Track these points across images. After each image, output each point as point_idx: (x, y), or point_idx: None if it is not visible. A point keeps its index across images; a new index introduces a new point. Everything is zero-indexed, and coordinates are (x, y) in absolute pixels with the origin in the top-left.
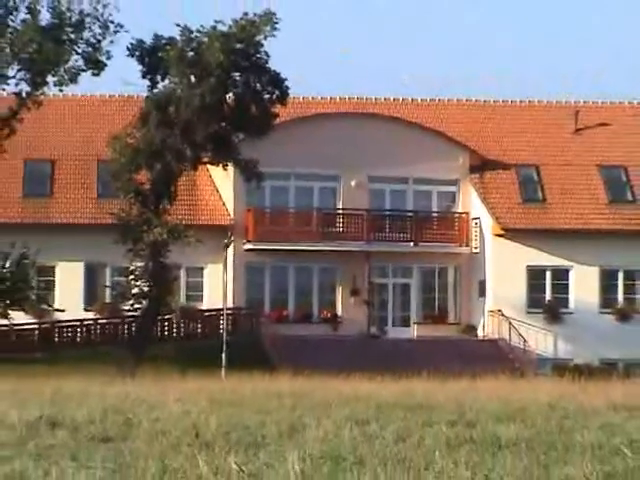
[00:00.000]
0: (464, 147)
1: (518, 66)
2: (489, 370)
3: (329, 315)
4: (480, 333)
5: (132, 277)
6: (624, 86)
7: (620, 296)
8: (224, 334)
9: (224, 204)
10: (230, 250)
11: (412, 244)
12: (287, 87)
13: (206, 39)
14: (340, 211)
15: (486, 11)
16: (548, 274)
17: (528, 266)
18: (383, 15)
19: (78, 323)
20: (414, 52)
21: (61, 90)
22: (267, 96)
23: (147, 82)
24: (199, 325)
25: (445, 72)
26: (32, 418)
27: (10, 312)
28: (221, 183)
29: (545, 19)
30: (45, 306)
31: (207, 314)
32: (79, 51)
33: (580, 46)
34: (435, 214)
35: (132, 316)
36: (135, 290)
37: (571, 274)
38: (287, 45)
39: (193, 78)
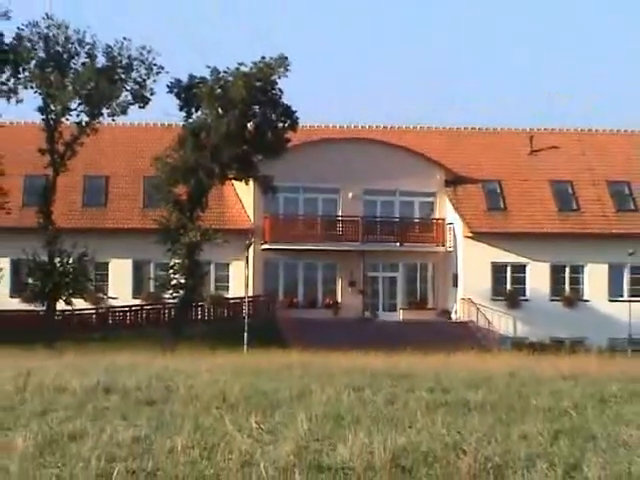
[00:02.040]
0: (440, 166)
1: (484, 98)
2: (460, 346)
3: (331, 302)
4: (453, 316)
5: (171, 271)
6: (571, 115)
7: (567, 286)
8: (246, 317)
9: (246, 212)
10: (251, 249)
11: (398, 244)
12: (297, 117)
13: (231, 78)
14: (340, 218)
15: (458, 51)
16: (508, 269)
17: (492, 262)
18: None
19: (127, 309)
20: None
21: (114, 120)
22: (280, 125)
23: (183, 113)
24: (225, 310)
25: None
26: (90, 385)
27: (73, 300)
28: (243, 195)
29: (506, 59)
30: (101, 295)
31: (232, 301)
32: (128, 88)
33: (535, 81)
34: (417, 220)
35: (171, 303)
36: (174, 282)
37: (527, 269)
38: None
39: (220, 110)
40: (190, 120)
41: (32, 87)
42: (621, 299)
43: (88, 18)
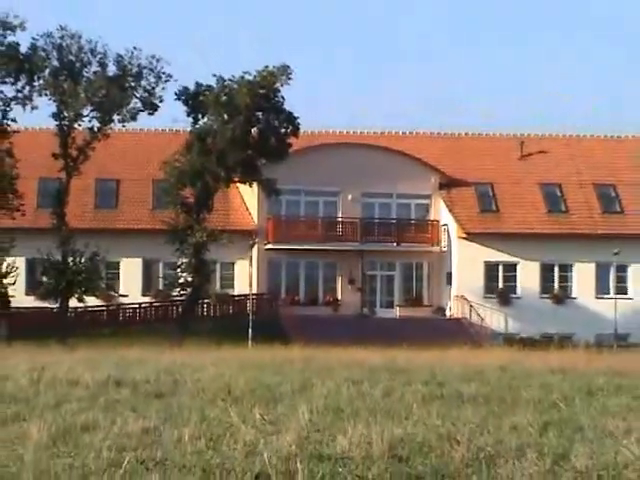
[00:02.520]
0: (435, 169)
1: (477, 104)
2: (454, 342)
3: (331, 299)
4: (447, 313)
5: (179, 270)
6: (559, 121)
7: (556, 284)
8: (250, 314)
9: (250, 213)
10: (254, 249)
11: (395, 244)
12: (298, 123)
13: (236, 86)
14: (339, 219)
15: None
16: (500, 267)
17: (485, 261)
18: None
19: (137, 306)
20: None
21: (124, 126)
22: (283, 130)
23: (190, 119)
24: (231, 307)
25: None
26: (101, 379)
27: (85, 297)
28: (247, 197)
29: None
30: (112, 292)
31: (237, 298)
32: (138, 96)
33: (526, 87)
34: (413, 221)
35: (179, 300)
36: (181, 280)
37: (518, 267)
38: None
39: (226, 116)
40: (197, 126)
41: (46, 94)
42: (607, 297)
43: (100, 27)
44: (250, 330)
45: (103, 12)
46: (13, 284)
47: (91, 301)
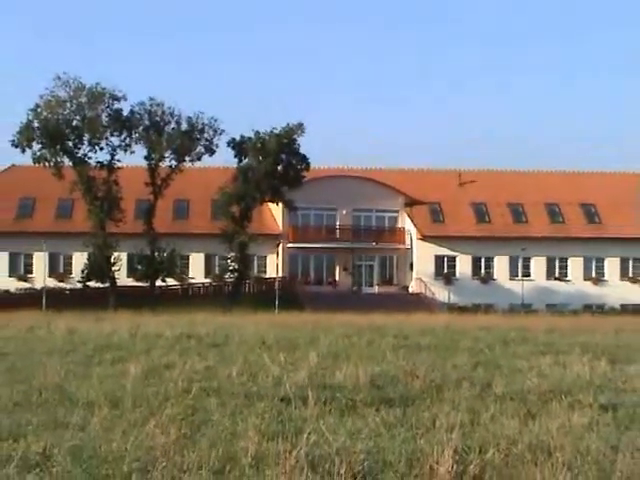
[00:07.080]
0: (402, 193)
1: (428, 147)
2: (415, 310)
3: (331, 281)
4: (410, 290)
5: (229, 261)
6: (487, 159)
7: (482, 270)
8: (277, 290)
9: (277, 223)
10: (280, 247)
11: (375, 244)
12: (309, 162)
13: (267, 137)
14: (337, 227)
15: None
16: (445, 259)
17: (435, 255)
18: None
19: (201, 285)
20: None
21: (193, 164)
22: (299, 167)
23: (237, 160)
24: (263, 286)
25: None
26: (177, 334)
27: (166, 279)
28: (275, 212)
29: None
30: (184, 276)
31: (268, 280)
32: (202, 144)
33: (462, 131)
34: (387, 228)
35: (229, 281)
36: (231, 267)
37: (457, 259)
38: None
39: (260, 158)
40: (241, 164)
41: (140, 143)
42: (517, 278)
43: (175, 94)
44: (277, 301)
45: (176, 85)
46: (118, 270)
47: (170, 282)
